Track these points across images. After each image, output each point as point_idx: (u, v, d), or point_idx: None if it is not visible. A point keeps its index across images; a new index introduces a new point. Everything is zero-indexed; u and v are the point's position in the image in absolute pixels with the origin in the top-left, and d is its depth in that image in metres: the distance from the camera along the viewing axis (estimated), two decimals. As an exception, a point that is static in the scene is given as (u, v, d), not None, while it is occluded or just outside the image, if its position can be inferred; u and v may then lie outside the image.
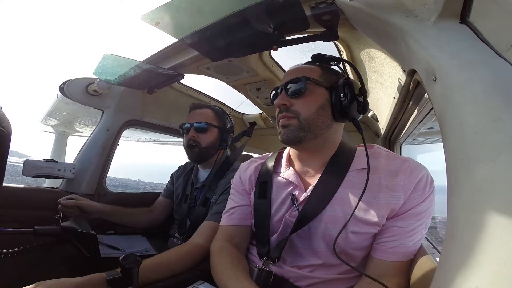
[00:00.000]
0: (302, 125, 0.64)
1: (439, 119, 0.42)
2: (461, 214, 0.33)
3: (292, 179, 0.70)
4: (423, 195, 0.59)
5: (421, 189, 0.59)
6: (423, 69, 0.47)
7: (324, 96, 0.65)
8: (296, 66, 0.71)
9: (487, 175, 0.31)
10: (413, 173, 0.60)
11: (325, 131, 0.66)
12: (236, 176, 0.84)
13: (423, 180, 0.59)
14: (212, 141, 1.14)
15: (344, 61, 0.72)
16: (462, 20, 0.43)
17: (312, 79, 0.65)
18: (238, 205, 0.78)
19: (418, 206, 0.59)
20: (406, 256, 0.59)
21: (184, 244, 0.84)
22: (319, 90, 0.65)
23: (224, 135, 1.17)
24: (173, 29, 0.82)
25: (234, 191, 0.82)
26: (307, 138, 0.64)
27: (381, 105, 1.15)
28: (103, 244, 1.08)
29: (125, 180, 18.44)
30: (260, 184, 0.74)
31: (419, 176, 0.59)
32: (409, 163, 0.62)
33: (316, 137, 0.65)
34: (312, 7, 0.69)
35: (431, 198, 0.60)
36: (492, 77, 0.36)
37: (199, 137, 1.12)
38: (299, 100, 0.65)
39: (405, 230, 0.58)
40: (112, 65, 1.08)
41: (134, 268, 0.55)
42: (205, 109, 1.17)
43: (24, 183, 1.24)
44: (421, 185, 0.59)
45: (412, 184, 0.59)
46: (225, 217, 0.79)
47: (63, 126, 2.73)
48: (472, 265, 0.28)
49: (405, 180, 0.59)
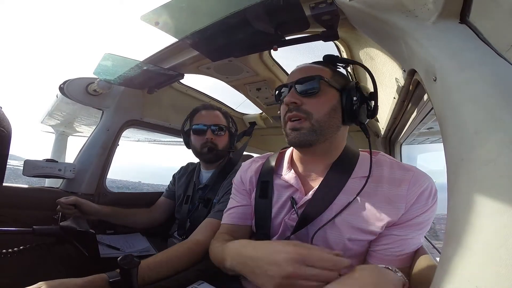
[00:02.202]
0: (314, 127, 0.62)
1: (439, 119, 0.42)
2: (461, 214, 0.33)
3: (292, 182, 0.68)
4: (425, 206, 0.57)
5: (424, 200, 0.57)
6: (423, 69, 0.47)
7: (335, 98, 0.64)
8: (306, 65, 0.69)
9: (487, 175, 0.31)
10: (416, 184, 0.58)
11: (335, 134, 0.65)
12: (237, 176, 0.83)
13: (427, 191, 0.58)
14: (227, 144, 1.17)
15: (359, 64, 0.69)
16: (462, 20, 0.43)
17: (326, 79, 0.63)
18: (239, 204, 0.78)
19: (418, 216, 0.57)
20: (403, 263, 0.58)
21: (184, 242, 0.84)
22: (331, 91, 0.64)
23: (232, 137, 1.20)
24: (173, 29, 0.82)
25: (235, 191, 0.82)
26: (318, 141, 0.63)
27: (381, 105, 1.15)
28: (103, 243, 1.08)
29: (126, 182, 18.51)
30: (261, 184, 0.74)
31: (422, 187, 0.58)
32: (414, 172, 0.60)
33: (326, 140, 0.64)
34: (312, 7, 0.68)
35: (433, 208, 0.58)
36: (492, 77, 0.36)
37: (216, 139, 1.13)
38: (312, 100, 0.63)
39: (403, 238, 0.57)
40: (112, 65, 1.08)
41: (133, 269, 0.55)
42: (217, 112, 1.19)
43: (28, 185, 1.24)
44: (424, 196, 0.57)
45: (415, 195, 0.57)
46: (225, 216, 0.79)
47: (63, 126, 2.73)
48: (472, 265, 0.28)
49: (407, 190, 0.58)
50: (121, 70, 1.12)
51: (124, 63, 1.08)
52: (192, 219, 1.10)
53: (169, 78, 1.26)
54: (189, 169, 1.33)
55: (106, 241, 1.11)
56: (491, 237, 0.28)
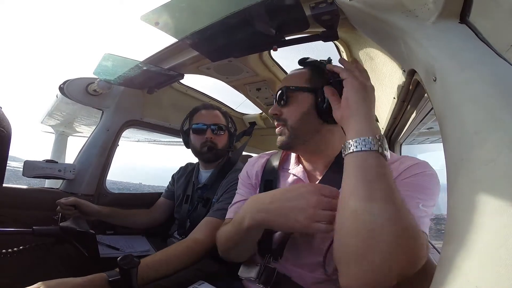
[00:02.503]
0: (290, 132, 0.67)
1: (439, 119, 0.42)
2: (461, 214, 0.33)
3: (300, 175, 0.71)
4: (413, 172, 0.55)
5: (414, 169, 0.56)
6: (423, 69, 0.47)
7: (308, 102, 0.65)
8: (287, 75, 0.74)
9: (487, 175, 0.30)
10: (407, 160, 0.58)
11: (315, 135, 0.66)
12: (243, 171, 0.85)
13: (419, 164, 0.57)
14: (226, 143, 1.17)
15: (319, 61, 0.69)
16: (462, 20, 0.43)
17: (292, 87, 0.67)
18: (244, 198, 0.78)
19: (408, 178, 0.55)
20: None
21: (183, 241, 0.84)
22: (302, 96, 0.66)
23: (231, 137, 1.21)
24: (173, 29, 0.82)
25: (241, 185, 0.83)
26: (296, 144, 0.67)
27: (381, 105, 1.15)
28: (103, 244, 1.08)
29: (127, 183, 18.58)
30: (265, 183, 0.75)
31: (414, 162, 0.57)
32: (407, 156, 0.62)
33: (305, 142, 0.67)
34: (312, 7, 0.68)
35: (425, 176, 0.55)
36: (492, 77, 0.36)
37: (216, 139, 1.13)
38: (285, 109, 0.68)
39: None
40: (112, 65, 1.08)
41: (133, 269, 0.55)
42: (217, 111, 1.19)
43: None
44: (414, 167, 0.56)
45: (404, 166, 0.57)
46: (231, 210, 0.79)
47: (63, 127, 2.73)
48: (472, 265, 0.28)
49: (398, 166, 0.58)
50: (121, 70, 1.12)
51: (124, 63, 1.08)
52: (192, 219, 1.10)
53: (169, 78, 1.26)
54: (188, 169, 1.33)
55: (106, 241, 1.11)
56: (491, 237, 0.28)
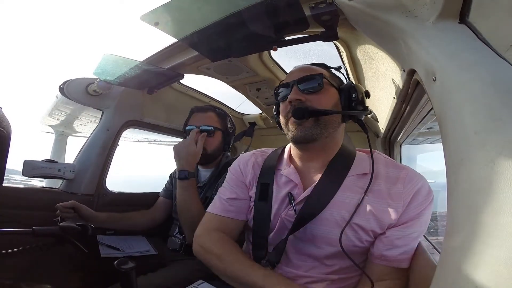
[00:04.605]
0: (318, 121, 0.63)
1: (439, 119, 0.42)
2: (461, 214, 0.33)
3: (292, 177, 0.69)
4: (422, 205, 0.59)
5: (420, 199, 0.59)
6: (423, 69, 0.47)
7: (336, 96, 0.67)
8: (306, 65, 0.73)
9: (487, 175, 0.31)
10: (411, 182, 0.60)
11: (336, 130, 0.67)
12: (235, 165, 0.79)
13: (422, 189, 0.60)
14: (218, 145, 1.15)
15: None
16: (462, 20, 0.43)
17: (327, 77, 0.67)
18: (236, 197, 0.74)
19: (416, 216, 0.59)
20: (403, 263, 0.58)
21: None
22: (332, 90, 0.68)
23: (227, 137, 1.18)
24: (173, 29, 0.82)
25: (232, 182, 0.77)
26: (322, 136, 0.64)
27: (380, 105, 1.15)
28: (103, 244, 1.08)
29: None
30: (261, 186, 0.72)
31: (418, 185, 0.60)
32: (408, 171, 0.62)
33: (328, 135, 0.66)
34: (312, 7, 0.69)
35: (430, 207, 0.60)
36: (491, 77, 0.36)
37: (205, 141, 1.12)
38: (314, 96, 0.65)
39: (401, 237, 0.58)
40: (112, 65, 1.08)
41: (131, 271, 0.55)
42: (210, 112, 1.17)
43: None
44: (421, 195, 0.59)
45: (410, 193, 0.59)
46: (219, 205, 0.74)
47: (63, 127, 2.73)
48: (472, 265, 0.28)
49: (403, 188, 0.60)
50: (121, 70, 1.12)
51: (124, 64, 1.08)
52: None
53: (169, 79, 1.26)
54: None
55: (106, 241, 1.11)
56: (491, 237, 0.28)
